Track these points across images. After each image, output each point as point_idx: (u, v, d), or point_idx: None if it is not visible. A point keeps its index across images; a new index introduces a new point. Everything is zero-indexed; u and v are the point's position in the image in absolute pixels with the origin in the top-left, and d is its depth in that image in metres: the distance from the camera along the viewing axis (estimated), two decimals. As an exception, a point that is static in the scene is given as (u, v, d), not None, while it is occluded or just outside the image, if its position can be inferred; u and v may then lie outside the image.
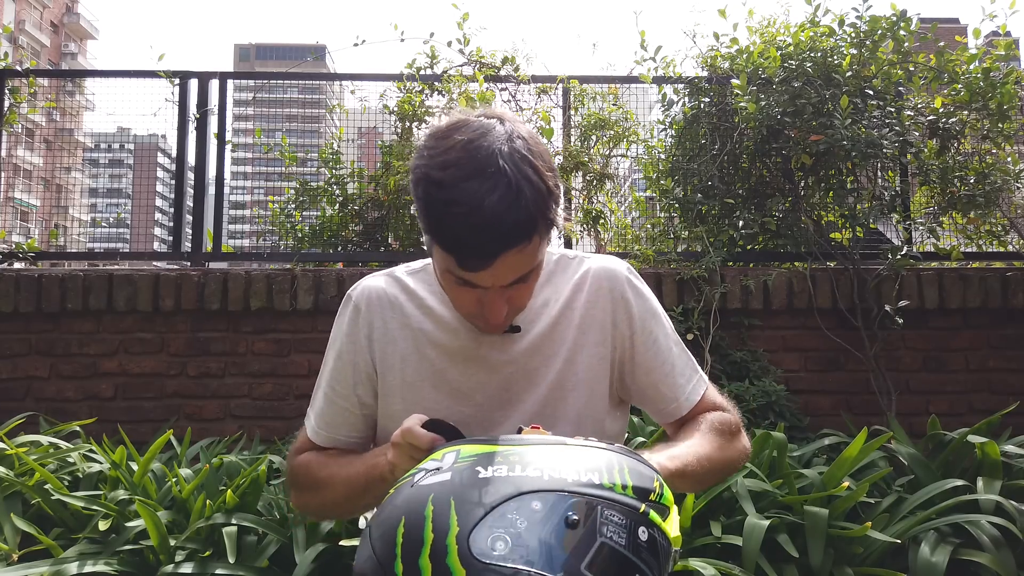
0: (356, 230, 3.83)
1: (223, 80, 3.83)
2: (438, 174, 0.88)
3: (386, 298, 1.12)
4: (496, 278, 0.92)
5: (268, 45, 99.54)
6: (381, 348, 1.10)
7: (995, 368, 3.27)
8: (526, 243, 0.89)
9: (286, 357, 3.22)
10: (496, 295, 0.95)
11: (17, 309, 3.17)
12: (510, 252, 0.88)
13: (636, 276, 1.15)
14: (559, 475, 0.69)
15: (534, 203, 0.87)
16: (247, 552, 2.10)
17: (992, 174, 3.35)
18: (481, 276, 0.91)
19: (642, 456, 0.79)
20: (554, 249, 1.17)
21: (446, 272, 0.95)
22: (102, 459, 2.47)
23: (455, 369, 1.08)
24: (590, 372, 1.10)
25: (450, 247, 0.89)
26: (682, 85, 3.70)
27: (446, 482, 0.70)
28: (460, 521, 0.65)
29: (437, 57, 3.80)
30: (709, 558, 2.00)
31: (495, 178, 0.85)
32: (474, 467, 0.71)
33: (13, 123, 3.84)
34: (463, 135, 0.90)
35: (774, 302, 3.24)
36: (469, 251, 0.88)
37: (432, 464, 0.75)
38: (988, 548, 2.05)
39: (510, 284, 0.94)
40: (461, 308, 1.01)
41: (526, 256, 0.91)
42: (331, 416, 1.13)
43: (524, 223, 0.86)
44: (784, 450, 2.39)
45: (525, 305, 1.03)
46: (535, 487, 0.68)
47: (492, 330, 1.03)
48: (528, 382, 1.08)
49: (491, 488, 0.68)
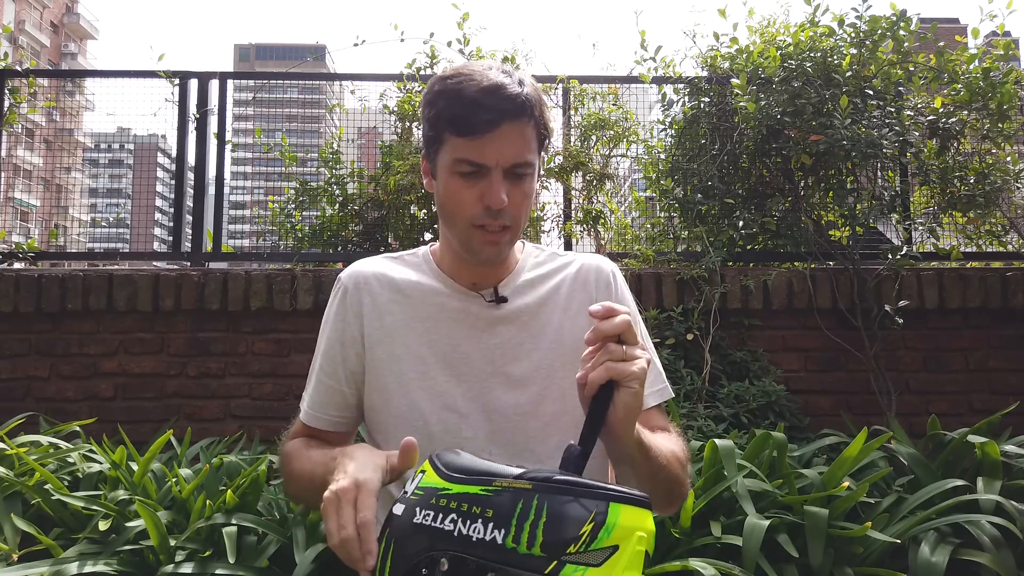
0: (356, 230, 3.83)
1: (223, 80, 3.83)
2: (449, 72, 1.03)
3: (374, 275, 1.17)
4: (499, 153, 1.00)
5: (268, 45, 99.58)
6: (370, 322, 1.14)
7: (995, 368, 3.27)
8: (527, 119, 1.01)
9: (286, 357, 3.22)
10: (497, 179, 1.01)
11: (17, 309, 3.17)
12: (515, 122, 0.99)
13: (621, 277, 1.21)
14: (467, 531, 0.70)
15: (532, 90, 1.02)
16: (247, 552, 2.09)
17: (992, 174, 3.36)
18: (487, 146, 0.99)
19: (589, 485, 0.71)
20: (546, 248, 1.25)
21: (452, 166, 1.03)
22: (102, 459, 2.47)
23: (442, 342, 1.11)
24: (578, 354, 1.10)
25: (462, 115, 0.99)
26: (682, 85, 3.70)
27: (396, 519, 0.76)
28: (390, 569, 0.74)
29: (437, 57, 3.80)
30: (709, 558, 2.00)
31: (496, 70, 1.02)
32: (416, 508, 0.75)
33: (13, 123, 3.84)
34: (456, 66, 1.06)
35: (774, 302, 3.24)
36: (480, 113, 0.98)
37: (409, 484, 0.79)
38: (988, 548, 2.05)
39: (509, 170, 1.01)
40: (464, 212, 1.04)
41: (525, 139, 1.02)
42: (320, 396, 1.16)
43: (526, 96, 1.00)
44: (784, 450, 2.39)
45: (520, 214, 1.06)
46: (447, 545, 0.71)
47: (487, 244, 1.05)
48: (515, 355, 1.11)
49: (416, 539, 0.73)
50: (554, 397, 1.10)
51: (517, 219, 1.06)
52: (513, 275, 1.17)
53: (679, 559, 1.99)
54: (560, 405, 1.10)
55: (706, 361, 3.10)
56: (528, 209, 1.08)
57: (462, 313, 1.13)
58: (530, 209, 1.09)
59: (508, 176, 1.02)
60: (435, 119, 1.03)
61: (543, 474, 0.71)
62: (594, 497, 0.69)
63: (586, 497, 0.69)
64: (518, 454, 1.07)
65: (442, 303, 1.13)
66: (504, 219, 1.04)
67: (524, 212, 1.07)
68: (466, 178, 1.02)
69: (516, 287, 1.15)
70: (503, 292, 1.14)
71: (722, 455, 2.27)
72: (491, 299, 1.13)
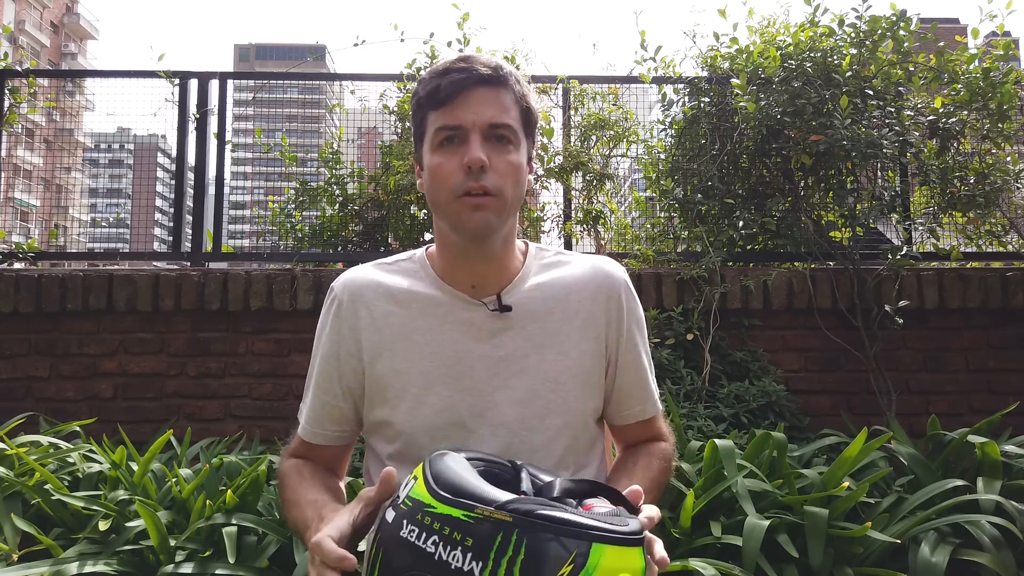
0: (356, 230, 3.83)
1: (223, 80, 3.83)
2: (427, 74, 1.05)
3: (370, 287, 1.13)
4: (474, 114, 1.00)
5: (268, 45, 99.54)
6: (368, 336, 1.10)
7: (995, 368, 3.27)
8: (502, 87, 1.03)
9: (286, 357, 3.22)
10: (475, 140, 1.00)
11: (17, 309, 3.17)
12: (488, 88, 1.02)
13: (631, 288, 1.19)
14: (447, 556, 0.70)
15: (510, 68, 1.04)
16: (247, 552, 2.09)
17: (992, 174, 3.36)
18: (459, 109, 1.00)
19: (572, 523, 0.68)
20: (551, 248, 1.20)
21: (434, 137, 1.03)
22: (102, 459, 2.47)
23: (445, 354, 1.08)
24: (584, 367, 1.11)
25: (437, 88, 1.01)
26: (682, 85, 3.70)
27: (386, 526, 0.76)
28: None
29: (437, 57, 3.80)
30: (709, 558, 2.00)
31: (475, 56, 1.04)
32: (403, 520, 0.74)
33: (13, 123, 3.84)
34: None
35: (774, 302, 3.24)
36: (453, 82, 1.00)
37: (402, 489, 0.79)
38: (988, 548, 2.05)
39: (488, 132, 1.01)
40: (448, 179, 1.01)
41: (500, 102, 1.02)
42: (318, 411, 1.14)
43: (500, 68, 1.03)
44: (784, 450, 2.39)
45: (505, 182, 1.02)
46: (427, 568, 0.70)
47: (475, 210, 1.01)
48: (518, 368, 1.08)
49: (400, 554, 0.73)
50: (560, 411, 1.08)
51: (501, 188, 1.01)
52: (517, 280, 1.12)
53: (679, 559, 1.99)
54: (566, 418, 1.08)
55: (706, 361, 3.10)
56: (515, 182, 1.04)
57: (465, 324, 1.08)
58: (519, 186, 1.05)
59: (488, 139, 1.01)
60: (416, 106, 1.06)
61: (525, 506, 0.69)
62: (576, 536, 0.67)
63: (568, 536, 0.67)
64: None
65: (444, 314, 1.09)
66: (486, 182, 1.00)
67: (510, 183, 1.02)
68: (447, 147, 1.02)
69: (521, 294, 1.11)
70: (507, 299, 1.09)
71: (722, 455, 2.27)
72: (494, 308, 1.09)
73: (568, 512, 0.69)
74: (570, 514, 0.69)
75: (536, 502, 0.70)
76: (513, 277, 1.12)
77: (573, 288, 1.13)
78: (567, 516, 0.68)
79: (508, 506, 0.69)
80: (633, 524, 0.70)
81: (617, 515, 0.73)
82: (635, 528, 0.70)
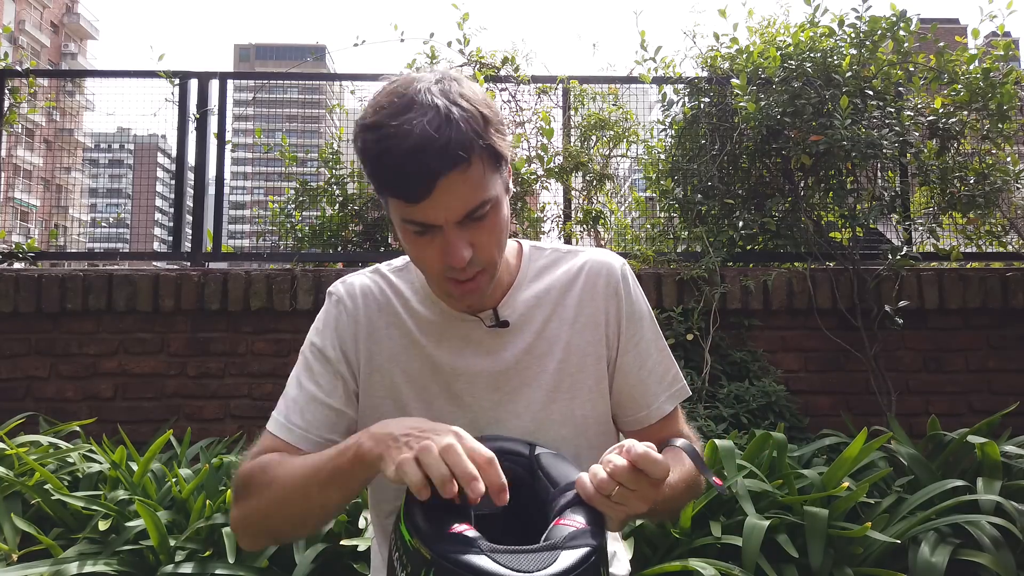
0: (356, 230, 3.83)
1: (223, 80, 3.83)
2: (370, 119, 0.89)
3: (372, 296, 1.10)
4: (445, 210, 0.89)
5: (268, 45, 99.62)
6: (367, 347, 1.07)
7: (995, 368, 3.27)
8: (465, 165, 0.87)
9: (286, 357, 3.22)
10: (453, 234, 0.91)
11: (17, 309, 3.17)
12: (450, 175, 0.87)
13: (631, 274, 1.13)
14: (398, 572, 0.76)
15: (466, 123, 0.87)
16: (247, 552, 2.09)
17: (992, 174, 3.36)
18: (428, 209, 0.89)
19: (491, 573, 0.68)
20: (547, 244, 1.16)
21: (403, 225, 0.93)
22: (102, 459, 2.47)
23: (444, 369, 1.05)
24: (588, 372, 1.08)
25: (392, 182, 0.89)
26: (682, 85, 3.70)
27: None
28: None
29: (437, 57, 3.80)
30: (709, 558, 2.01)
31: (424, 108, 0.87)
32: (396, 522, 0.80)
33: (13, 123, 3.84)
34: (392, 84, 0.92)
35: (774, 302, 3.24)
36: (409, 180, 0.87)
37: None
38: (988, 548, 2.05)
39: (464, 220, 0.91)
40: (430, 269, 0.96)
41: (470, 183, 0.89)
42: (310, 413, 1.05)
43: (458, 141, 0.86)
44: (784, 450, 2.39)
45: (493, 254, 0.96)
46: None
47: (464, 294, 0.97)
48: (520, 382, 1.05)
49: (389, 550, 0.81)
50: (566, 421, 1.06)
51: (490, 260, 0.96)
52: (513, 291, 1.08)
53: (679, 559, 2.00)
54: (573, 428, 1.06)
55: (706, 361, 3.10)
56: (501, 241, 0.98)
57: (463, 340, 1.06)
58: (504, 234, 0.98)
59: (466, 223, 0.92)
60: (369, 176, 0.93)
61: (445, 548, 0.69)
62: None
63: None
64: None
65: (442, 328, 1.06)
66: (475, 267, 0.95)
67: (497, 248, 0.97)
68: (421, 236, 0.93)
69: (517, 304, 1.07)
70: (503, 312, 1.06)
71: (722, 455, 2.27)
72: (491, 324, 1.05)
73: (493, 557, 0.69)
74: (488, 560, 0.68)
75: (464, 542, 0.70)
76: (508, 288, 1.09)
77: (571, 289, 1.09)
78: (480, 564, 0.68)
79: (433, 545, 0.71)
80: (560, 563, 0.69)
81: (573, 538, 0.72)
82: (558, 570, 0.68)
